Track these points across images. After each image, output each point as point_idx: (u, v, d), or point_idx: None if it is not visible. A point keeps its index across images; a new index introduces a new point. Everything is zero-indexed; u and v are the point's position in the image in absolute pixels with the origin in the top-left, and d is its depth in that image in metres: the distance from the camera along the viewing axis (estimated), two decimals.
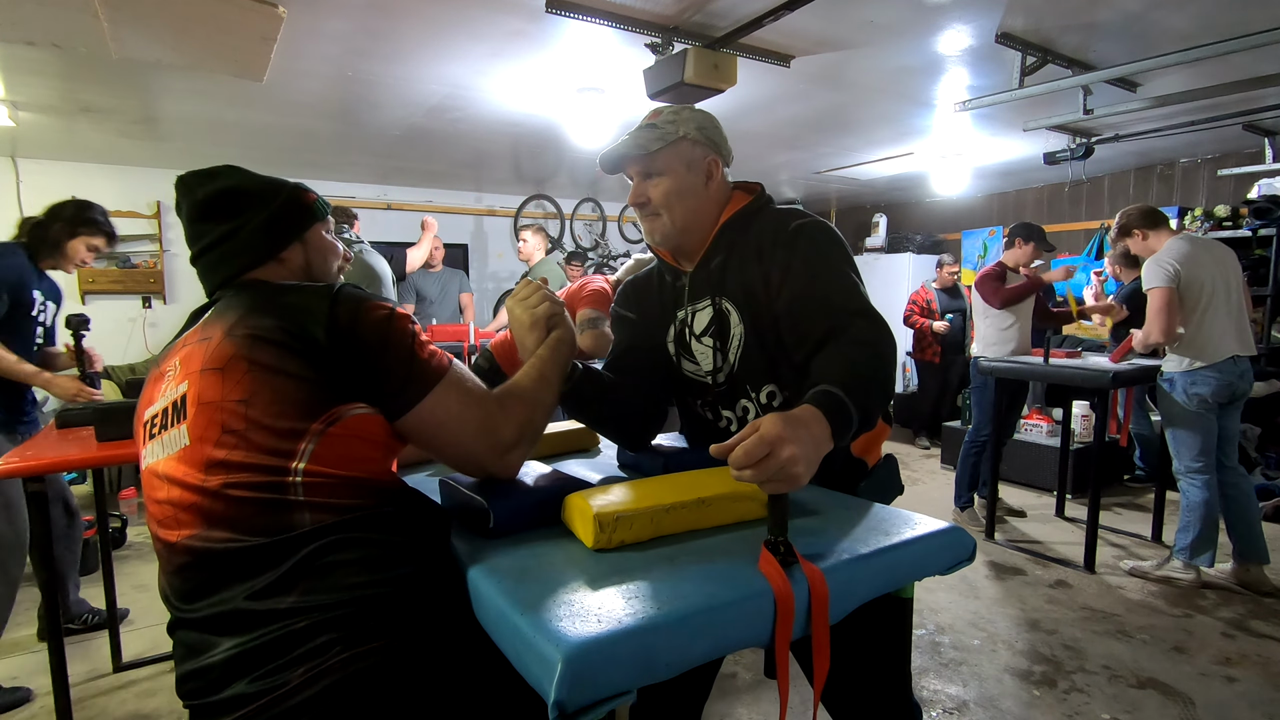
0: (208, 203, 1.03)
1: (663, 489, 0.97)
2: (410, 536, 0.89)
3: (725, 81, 2.88)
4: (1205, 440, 2.89)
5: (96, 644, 2.52)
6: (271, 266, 1.04)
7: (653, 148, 1.21)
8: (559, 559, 0.86)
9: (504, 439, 0.98)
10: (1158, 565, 3.06)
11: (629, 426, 1.31)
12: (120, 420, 1.77)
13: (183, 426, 0.87)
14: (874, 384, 0.99)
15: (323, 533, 0.82)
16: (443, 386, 0.93)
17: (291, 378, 0.85)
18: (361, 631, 0.79)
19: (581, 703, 0.62)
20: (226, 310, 0.92)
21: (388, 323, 0.92)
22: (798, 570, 0.79)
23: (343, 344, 0.87)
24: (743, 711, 2.12)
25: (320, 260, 1.11)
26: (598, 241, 6.93)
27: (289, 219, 1.07)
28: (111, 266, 5.05)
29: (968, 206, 7.12)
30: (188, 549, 0.84)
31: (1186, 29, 2.81)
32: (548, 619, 0.69)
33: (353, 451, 0.87)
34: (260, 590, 0.80)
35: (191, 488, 0.84)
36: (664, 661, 0.68)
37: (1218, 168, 5.16)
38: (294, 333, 0.86)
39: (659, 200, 1.23)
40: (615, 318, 1.45)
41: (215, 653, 0.80)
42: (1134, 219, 3.05)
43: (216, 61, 2.68)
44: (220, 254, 1.03)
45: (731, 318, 1.23)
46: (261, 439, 0.83)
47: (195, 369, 0.88)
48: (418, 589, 0.85)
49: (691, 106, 1.27)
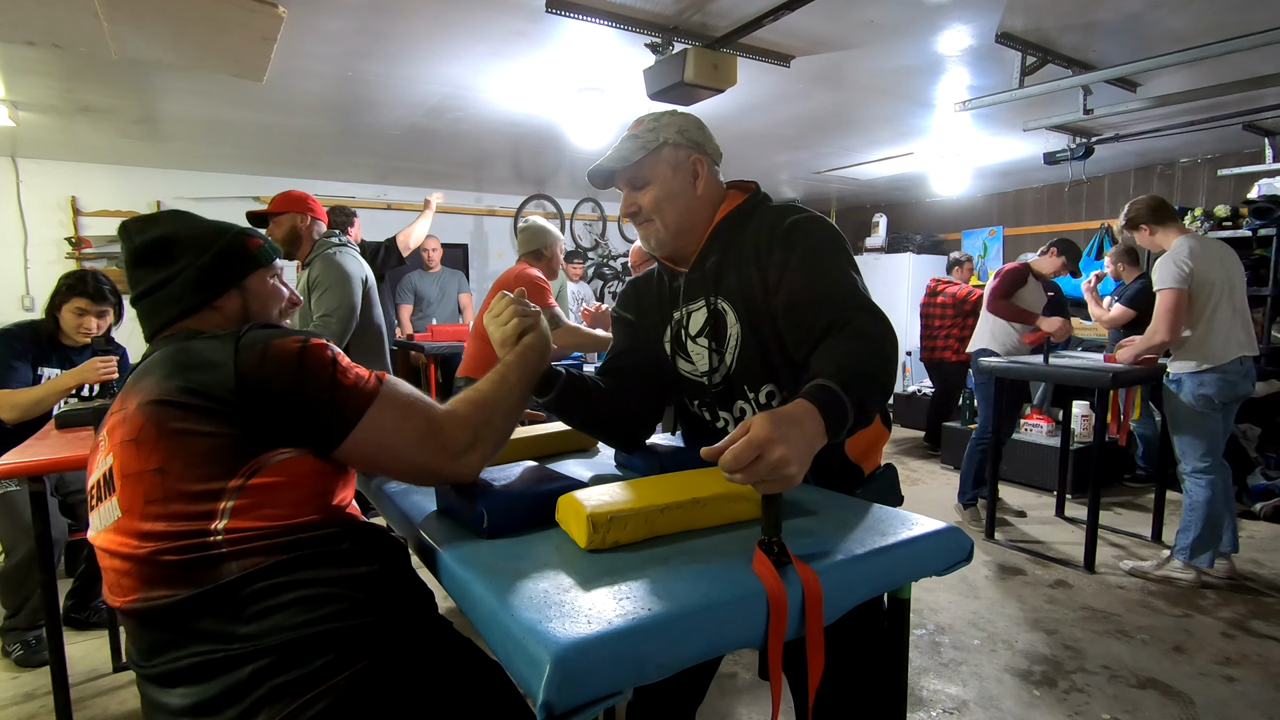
0: (145, 249, 1.02)
1: (657, 489, 0.97)
2: (350, 570, 0.88)
3: (725, 81, 2.88)
4: (1212, 440, 2.89)
5: (96, 644, 2.52)
6: (206, 314, 1.03)
7: (635, 158, 1.21)
8: (552, 559, 0.86)
9: (454, 443, 0.95)
10: (1157, 565, 3.06)
11: (618, 429, 1.31)
12: None
13: (113, 499, 0.88)
14: (873, 379, 0.97)
15: (255, 577, 0.82)
16: (375, 408, 0.90)
17: (204, 437, 0.83)
18: (318, 670, 0.79)
19: (571, 704, 0.62)
20: (146, 373, 0.91)
21: (300, 357, 0.88)
22: (791, 570, 0.79)
23: (254, 393, 0.85)
24: (743, 711, 2.12)
25: (260, 307, 1.09)
26: (598, 241, 6.93)
27: (224, 267, 1.05)
28: (112, 266, 5.05)
29: (968, 206, 7.12)
30: (134, 612, 0.86)
31: (1186, 29, 2.81)
32: (537, 620, 0.69)
33: (278, 498, 0.86)
34: (205, 639, 0.81)
35: (126, 557, 0.85)
36: (655, 662, 0.68)
37: (1218, 168, 5.16)
38: (200, 392, 0.84)
39: (649, 207, 1.23)
40: (615, 318, 1.45)
41: (171, 708, 0.82)
42: (1142, 213, 3.01)
43: (216, 61, 2.68)
44: (153, 302, 1.02)
45: (728, 318, 1.23)
46: (179, 507, 0.82)
47: (116, 441, 0.88)
48: (364, 622, 0.84)
49: (673, 110, 1.27)
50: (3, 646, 2.44)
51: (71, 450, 1.73)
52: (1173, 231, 2.97)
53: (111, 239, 5.08)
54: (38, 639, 2.39)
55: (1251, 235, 4.44)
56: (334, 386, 0.89)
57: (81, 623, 2.63)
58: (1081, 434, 4.29)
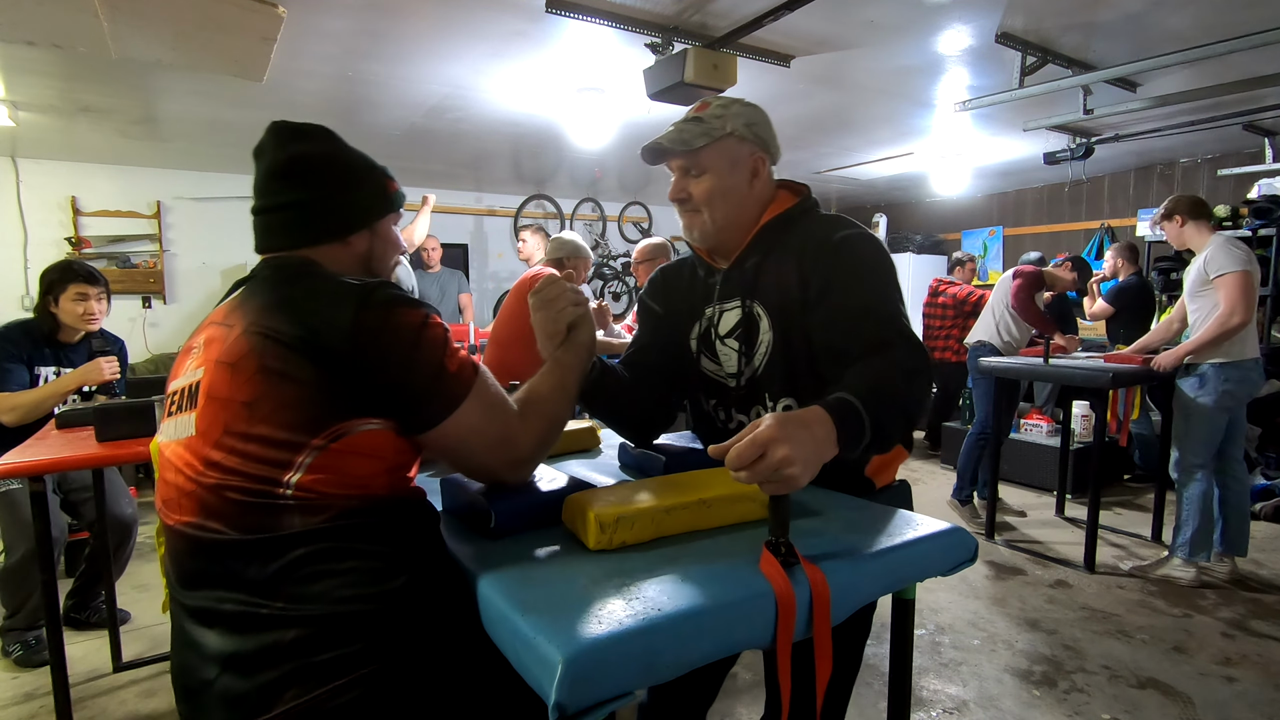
0: (291, 163, 0.97)
1: (664, 490, 0.97)
2: (405, 548, 0.86)
3: (725, 81, 2.88)
4: (1216, 438, 2.93)
5: (96, 644, 2.52)
6: (333, 248, 0.98)
7: (697, 144, 1.16)
8: (560, 559, 0.86)
9: (521, 453, 0.95)
10: (1158, 564, 3.07)
11: (637, 422, 1.30)
12: (120, 420, 1.77)
13: (192, 415, 0.85)
14: (897, 405, 0.95)
15: (312, 537, 0.80)
16: (467, 402, 0.88)
17: (301, 385, 0.80)
18: (348, 656, 0.77)
19: (582, 704, 0.62)
20: (255, 295, 0.88)
21: (419, 332, 0.85)
22: (799, 571, 0.78)
23: (365, 355, 0.82)
24: (743, 711, 2.12)
25: (382, 253, 1.04)
26: (597, 241, 6.93)
27: (365, 205, 1.01)
28: (111, 266, 5.05)
29: (968, 206, 7.12)
30: (183, 534, 0.84)
31: (1186, 29, 2.81)
32: (548, 620, 0.69)
33: (352, 468, 0.83)
34: (248, 588, 0.79)
35: (190, 478, 0.83)
36: (665, 663, 0.68)
37: (1218, 168, 5.17)
38: (310, 340, 0.81)
39: (700, 198, 1.19)
40: (641, 307, 1.41)
41: (206, 650, 0.80)
42: (1182, 205, 3.04)
43: (216, 61, 2.68)
44: (283, 219, 0.97)
45: (761, 323, 1.19)
46: (256, 448, 0.80)
47: (212, 358, 0.85)
48: (409, 605, 0.83)
49: (742, 100, 1.22)
50: (3, 646, 2.44)
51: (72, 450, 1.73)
52: (1204, 231, 2.99)
53: (112, 239, 5.08)
54: (37, 639, 2.39)
55: (1251, 235, 4.45)
56: (440, 372, 0.86)
57: (81, 623, 2.64)
58: (1081, 434, 4.30)
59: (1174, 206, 3.05)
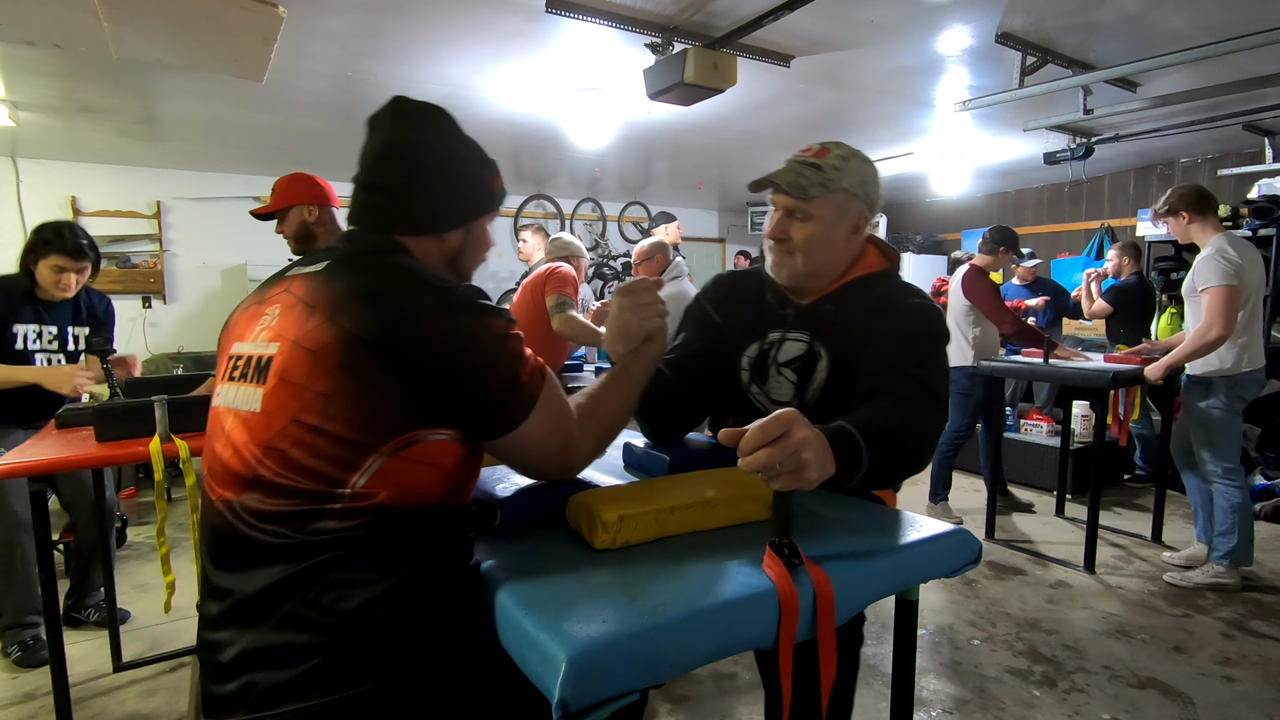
0: (404, 147, 0.95)
1: (667, 490, 0.97)
2: (433, 558, 0.83)
3: (725, 81, 2.88)
4: (1238, 440, 2.89)
5: (96, 644, 2.51)
6: (426, 240, 0.95)
7: (812, 194, 1.18)
8: (564, 558, 0.86)
9: (574, 460, 0.96)
10: (1202, 573, 2.96)
11: (664, 423, 1.30)
12: (120, 420, 1.77)
13: (260, 391, 0.81)
14: (899, 444, 0.96)
15: (340, 544, 0.78)
16: (535, 414, 0.86)
17: (379, 389, 0.78)
18: (360, 668, 0.76)
19: (586, 703, 0.62)
20: (342, 277, 0.84)
21: (501, 344, 0.84)
22: (802, 571, 0.78)
23: (448, 364, 0.80)
24: (743, 711, 2.12)
25: (474, 252, 1.03)
26: (597, 241, 6.94)
27: (468, 203, 0.99)
28: (111, 266, 5.04)
29: (968, 206, 7.12)
30: (221, 513, 0.82)
31: (1186, 29, 2.81)
32: (552, 618, 0.69)
33: (413, 477, 0.81)
34: (270, 584, 0.78)
35: (245, 460, 0.81)
36: (669, 662, 0.68)
37: (1218, 168, 5.17)
38: (395, 346, 0.78)
39: (799, 242, 1.21)
40: (696, 312, 1.39)
41: (226, 632, 0.80)
42: (1186, 201, 2.90)
43: (216, 61, 2.68)
44: (383, 203, 0.95)
45: (821, 362, 1.21)
46: (326, 445, 0.77)
47: (290, 337, 0.81)
48: (429, 619, 0.81)
49: (860, 154, 1.25)
50: (2, 648, 2.44)
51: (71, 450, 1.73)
52: (1210, 228, 2.88)
53: (112, 239, 5.08)
54: (35, 638, 2.38)
55: (1251, 235, 4.45)
56: (514, 383, 0.85)
57: (81, 621, 2.63)
58: (1081, 434, 4.30)
59: (1176, 203, 2.94)
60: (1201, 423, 2.95)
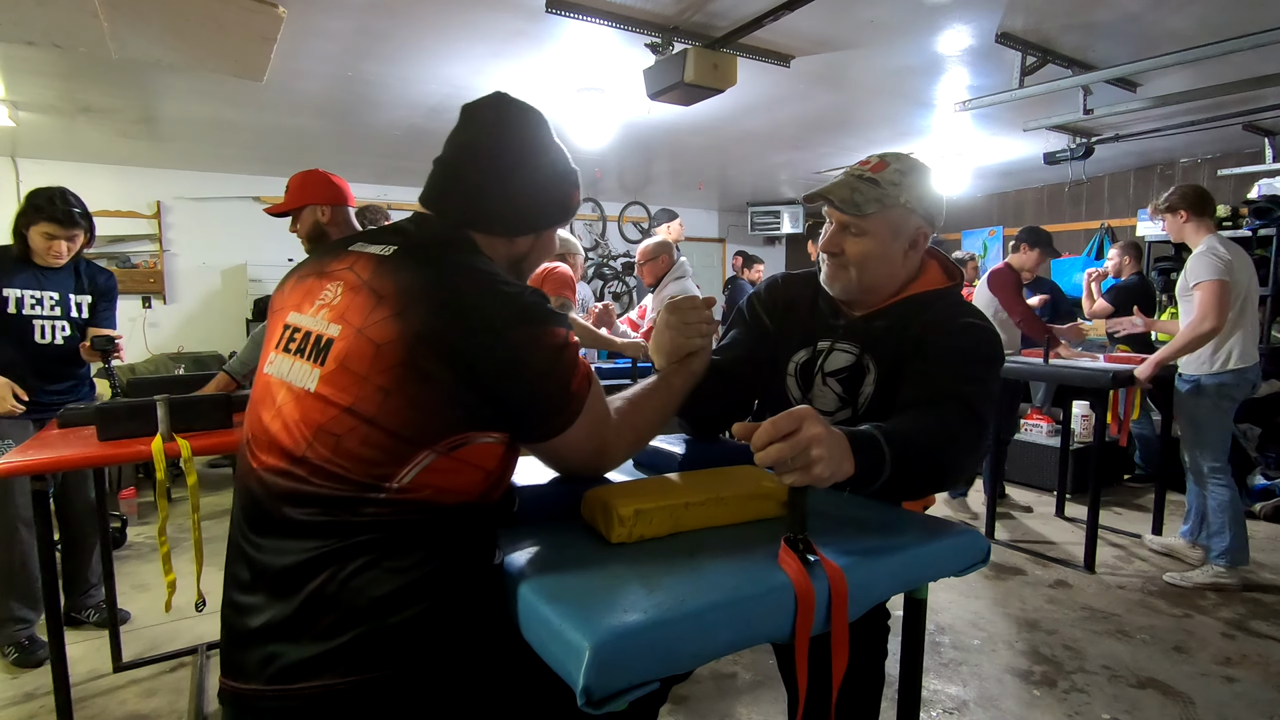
0: (498, 149, 0.96)
1: (682, 486, 0.99)
2: (462, 552, 0.83)
3: (725, 81, 2.89)
4: (1227, 439, 2.90)
5: (96, 644, 2.51)
6: (497, 241, 0.96)
7: (868, 210, 1.15)
8: (581, 552, 0.88)
9: (606, 464, 0.99)
10: (1202, 573, 2.96)
11: (704, 420, 1.29)
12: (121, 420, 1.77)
13: (317, 371, 0.81)
14: (925, 454, 0.95)
15: (376, 528, 0.78)
16: (580, 418, 0.88)
17: (438, 389, 0.78)
18: (381, 653, 0.77)
19: (608, 690, 0.64)
20: (410, 269, 0.84)
21: (559, 353, 0.85)
22: (817, 566, 0.79)
23: (507, 370, 0.81)
24: (743, 711, 2.12)
25: (538, 259, 1.04)
26: (598, 241, 6.94)
27: (543, 212, 1.00)
28: (112, 266, 5.05)
29: (968, 206, 7.12)
30: (262, 479, 0.83)
31: (1186, 29, 2.81)
32: (574, 609, 0.71)
33: (459, 477, 0.82)
34: (303, 560, 0.78)
35: (295, 438, 0.81)
36: (687, 653, 0.70)
37: (1218, 168, 5.17)
38: (460, 347, 0.79)
39: (854, 257, 1.18)
40: (750, 312, 1.38)
41: (252, 600, 0.80)
42: (1187, 200, 2.94)
43: (216, 61, 2.68)
44: (464, 195, 0.95)
45: (869, 375, 1.20)
46: (379, 438, 0.77)
47: (354, 324, 0.81)
48: (452, 614, 0.81)
49: (920, 165, 1.22)
50: None
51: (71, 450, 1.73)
52: (1205, 229, 2.92)
53: (112, 239, 5.08)
54: (31, 639, 2.38)
55: (1251, 235, 4.45)
56: (565, 392, 0.86)
57: (81, 621, 2.63)
58: (1081, 434, 4.30)
59: (1176, 201, 2.97)
60: (1189, 420, 2.97)
